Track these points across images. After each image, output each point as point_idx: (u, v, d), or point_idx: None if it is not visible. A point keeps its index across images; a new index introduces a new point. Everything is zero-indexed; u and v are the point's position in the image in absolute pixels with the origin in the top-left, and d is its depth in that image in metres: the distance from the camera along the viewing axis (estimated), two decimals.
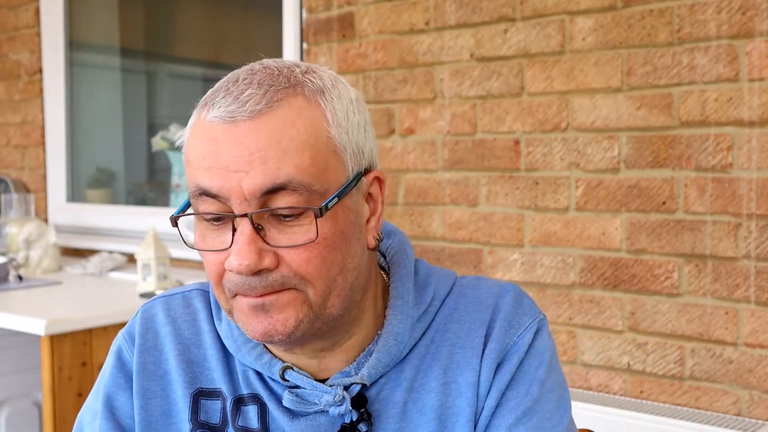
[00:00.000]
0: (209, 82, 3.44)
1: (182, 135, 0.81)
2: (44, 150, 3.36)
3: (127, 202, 3.39)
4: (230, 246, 0.74)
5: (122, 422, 0.86)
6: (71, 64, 3.36)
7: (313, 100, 0.75)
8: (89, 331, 2.11)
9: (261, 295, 0.74)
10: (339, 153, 0.76)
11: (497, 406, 0.81)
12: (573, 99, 1.93)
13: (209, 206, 0.75)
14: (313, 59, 2.42)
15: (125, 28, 3.47)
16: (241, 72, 0.77)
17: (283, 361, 0.82)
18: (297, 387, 0.80)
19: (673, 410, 1.77)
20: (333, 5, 2.36)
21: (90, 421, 0.88)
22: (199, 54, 3.44)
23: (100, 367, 2.13)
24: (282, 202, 0.73)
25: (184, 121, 3.41)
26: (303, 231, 0.73)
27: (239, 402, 0.83)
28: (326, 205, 0.73)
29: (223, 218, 0.75)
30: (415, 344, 0.83)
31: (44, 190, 3.37)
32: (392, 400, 0.81)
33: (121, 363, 0.88)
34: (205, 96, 0.78)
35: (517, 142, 2.02)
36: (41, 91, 3.34)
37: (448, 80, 2.13)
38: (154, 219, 2.91)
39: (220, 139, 0.74)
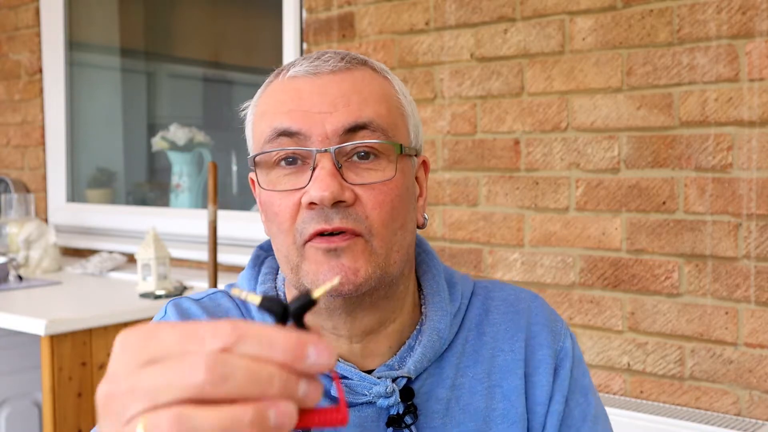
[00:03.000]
0: (209, 82, 3.46)
1: (246, 104, 0.85)
2: (44, 150, 3.36)
3: (127, 202, 3.39)
4: (307, 184, 0.76)
5: None
6: (71, 64, 3.36)
7: (381, 74, 0.82)
8: (89, 331, 2.11)
9: (336, 230, 0.75)
10: (406, 118, 0.82)
11: (564, 411, 0.86)
12: (573, 99, 1.93)
13: (286, 147, 0.78)
14: None
15: (125, 28, 3.47)
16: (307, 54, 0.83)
17: None
18: (343, 378, 0.81)
19: (673, 410, 1.77)
20: (333, 5, 2.36)
21: None
22: (199, 54, 3.44)
23: (100, 367, 2.14)
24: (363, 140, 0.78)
25: (184, 121, 3.41)
26: (378, 174, 0.77)
27: None
28: (404, 146, 0.79)
29: (299, 160, 0.78)
30: (452, 341, 0.85)
31: (44, 190, 3.37)
32: (435, 396, 0.83)
33: None
34: (277, 69, 0.83)
35: (517, 142, 2.02)
36: (41, 91, 3.34)
37: (448, 80, 2.13)
38: (154, 219, 2.91)
39: (302, 88, 0.78)
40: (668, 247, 1.81)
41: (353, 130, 0.76)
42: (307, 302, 0.45)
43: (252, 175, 0.86)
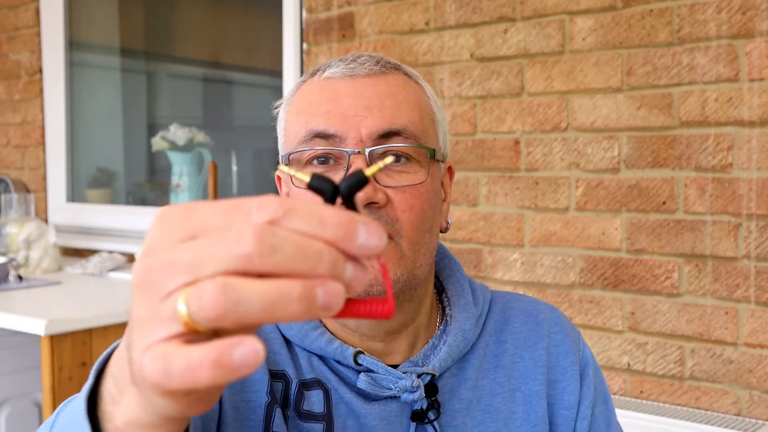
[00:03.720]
0: (209, 82, 3.46)
1: (279, 102, 0.87)
2: (44, 150, 3.36)
3: (127, 202, 3.39)
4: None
5: None
6: (71, 64, 3.36)
7: (413, 80, 0.85)
8: (89, 331, 2.11)
9: None
10: (436, 124, 0.85)
11: (591, 418, 0.89)
12: (573, 99, 1.93)
13: (321, 147, 0.80)
14: (313, 59, 2.42)
15: (125, 28, 3.47)
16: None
17: (354, 346, 0.83)
18: (369, 371, 0.81)
19: (673, 410, 1.77)
20: (333, 5, 2.36)
21: None
22: (199, 54, 3.44)
23: None
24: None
25: (184, 121, 3.41)
26: (410, 177, 0.79)
27: (302, 386, 0.83)
28: (435, 150, 0.81)
29: (331, 159, 0.79)
30: (474, 344, 0.87)
31: (44, 190, 3.37)
32: (458, 395, 0.84)
33: None
34: (312, 69, 0.86)
35: (517, 142, 2.02)
36: (41, 91, 3.34)
37: (448, 80, 2.13)
38: None
39: (339, 90, 0.80)
40: (668, 247, 1.81)
41: (387, 135, 0.79)
42: (359, 180, 0.42)
43: (280, 173, 0.88)
